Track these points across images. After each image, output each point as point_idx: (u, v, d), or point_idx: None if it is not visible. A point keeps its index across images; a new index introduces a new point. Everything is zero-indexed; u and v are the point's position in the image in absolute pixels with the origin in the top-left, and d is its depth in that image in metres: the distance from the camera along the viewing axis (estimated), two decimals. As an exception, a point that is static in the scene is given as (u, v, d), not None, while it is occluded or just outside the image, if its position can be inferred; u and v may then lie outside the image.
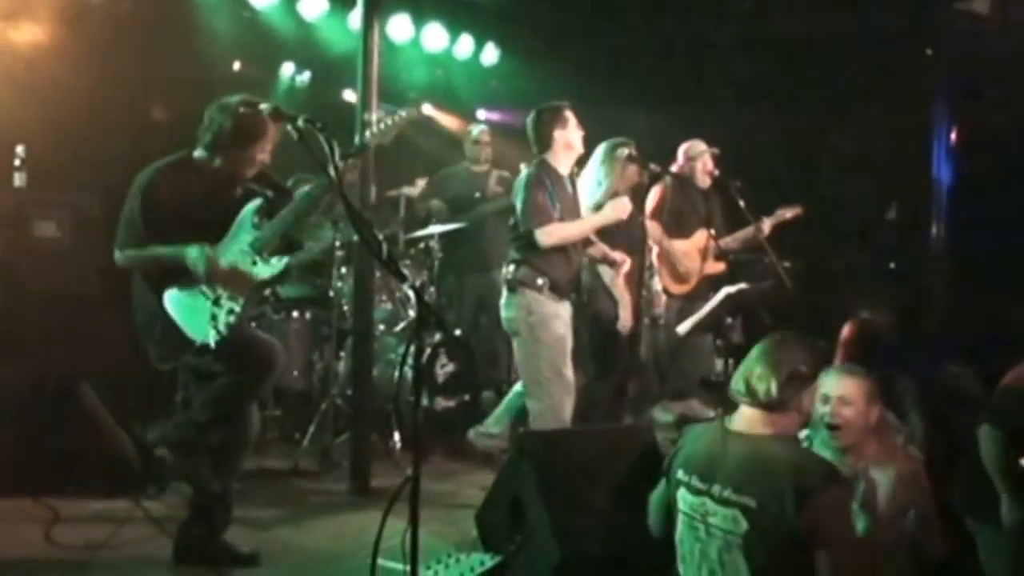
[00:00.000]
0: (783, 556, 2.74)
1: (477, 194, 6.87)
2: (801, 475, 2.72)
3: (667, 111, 7.63)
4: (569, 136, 5.07)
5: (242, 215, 4.06)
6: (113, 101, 5.83)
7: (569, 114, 5.08)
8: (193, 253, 3.87)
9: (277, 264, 4.11)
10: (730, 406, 3.06)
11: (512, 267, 5.05)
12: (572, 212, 5.07)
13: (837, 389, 3.28)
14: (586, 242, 5.27)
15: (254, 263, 4.03)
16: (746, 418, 2.93)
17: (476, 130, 7.19)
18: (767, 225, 6.21)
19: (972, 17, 7.22)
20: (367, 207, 5.15)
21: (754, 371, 2.91)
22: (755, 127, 8.16)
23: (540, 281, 4.96)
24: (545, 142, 5.07)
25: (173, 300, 3.90)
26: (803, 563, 2.72)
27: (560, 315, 5.02)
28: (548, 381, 4.95)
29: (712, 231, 6.19)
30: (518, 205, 5.00)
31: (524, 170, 5.08)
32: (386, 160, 5.73)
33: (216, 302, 3.91)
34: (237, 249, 4.01)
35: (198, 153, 4.03)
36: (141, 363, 4.06)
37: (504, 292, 5.10)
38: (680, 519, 2.96)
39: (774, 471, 2.75)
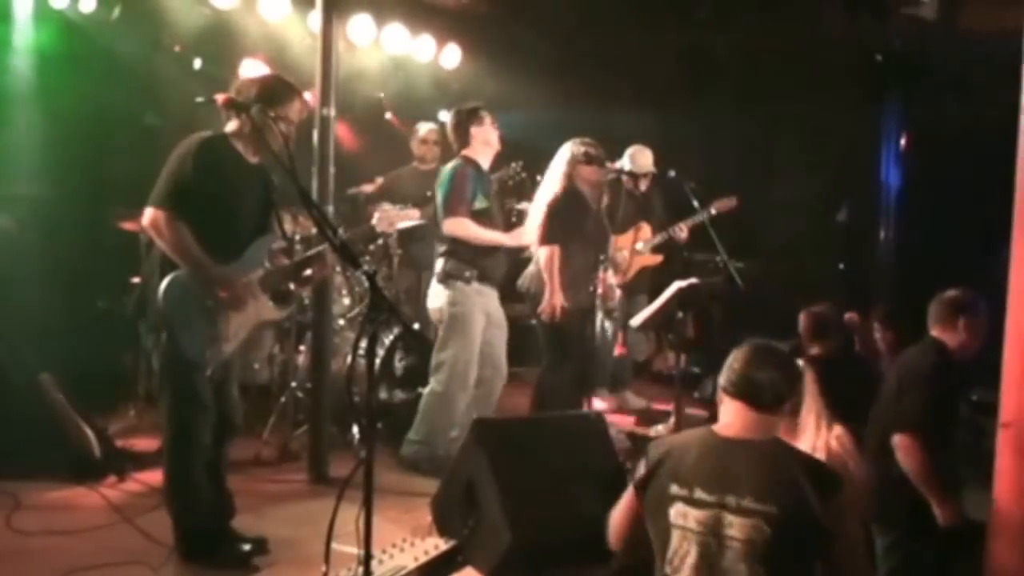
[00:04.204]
0: (802, 560, 2.79)
1: (428, 192, 6.84)
2: (820, 478, 2.78)
3: (618, 114, 7.75)
4: (486, 133, 5.37)
5: (257, 245, 4.02)
6: (71, 96, 5.86)
7: (485, 113, 5.39)
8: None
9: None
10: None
11: (442, 260, 5.34)
12: (494, 203, 5.45)
13: None
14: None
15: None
16: (742, 423, 2.89)
17: (423, 129, 7.17)
18: (684, 231, 6.74)
19: (920, 23, 7.43)
20: (325, 199, 5.24)
21: (756, 374, 2.87)
22: (708, 129, 8.33)
23: (468, 273, 5.25)
24: (464, 139, 5.39)
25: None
26: (817, 564, 2.80)
27: (486, 309, 5.33)
28: (450, 371, 5.29)
29: (648, 225, 6.78)
30: (440, 195, 5.31)
31: (448, 165, 5.40)
32: (346, 159, 5.81)
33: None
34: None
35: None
36: (101, 351, 4.10)
37: (433, 283, 5.40)
38: (676, 533, 2.86)
39: (793, 477, 2.77)
